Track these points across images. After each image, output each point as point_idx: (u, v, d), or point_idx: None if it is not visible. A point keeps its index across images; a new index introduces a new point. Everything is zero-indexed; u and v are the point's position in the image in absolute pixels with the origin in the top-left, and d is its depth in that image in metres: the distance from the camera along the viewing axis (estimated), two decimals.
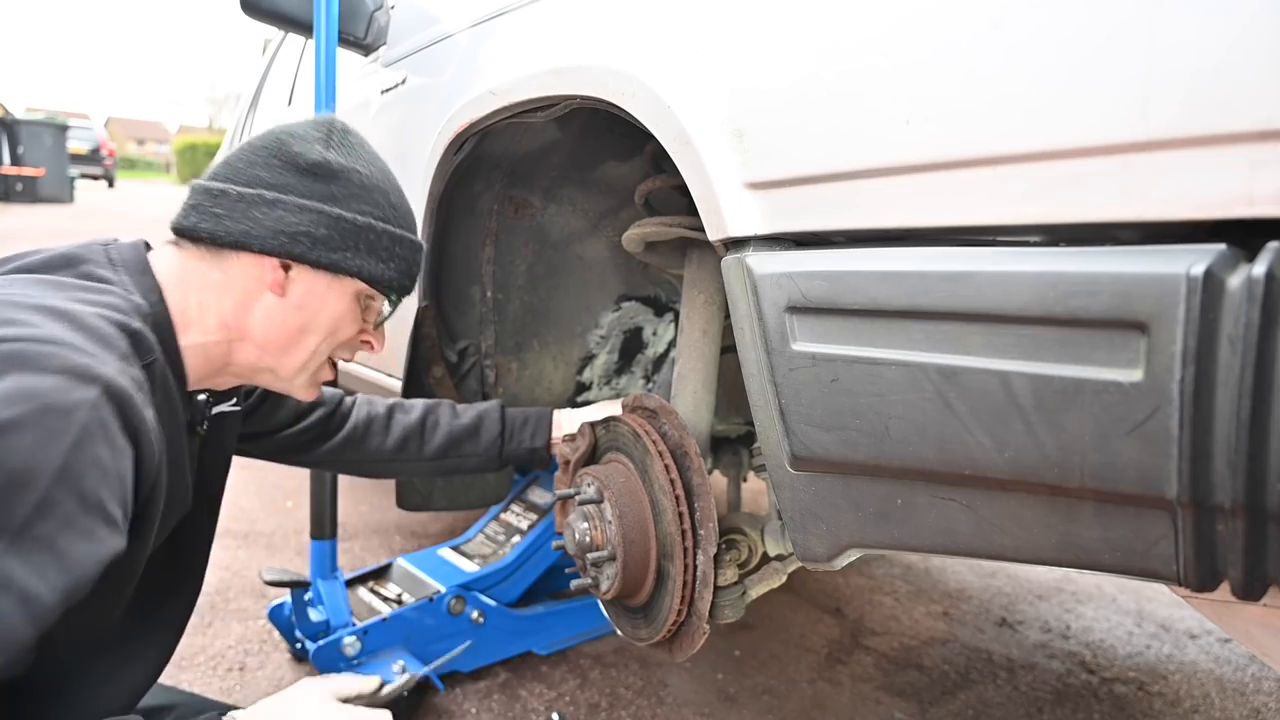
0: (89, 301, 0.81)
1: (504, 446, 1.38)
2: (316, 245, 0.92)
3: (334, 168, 0.94)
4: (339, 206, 0.94)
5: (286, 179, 0.92)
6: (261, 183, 0.91)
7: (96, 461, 0.70)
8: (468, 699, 1.80)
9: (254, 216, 0.91)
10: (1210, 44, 0.52)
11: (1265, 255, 0.50)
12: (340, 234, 0.93)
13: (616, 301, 1.75)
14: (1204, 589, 0.57)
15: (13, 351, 0.69)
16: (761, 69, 0.82)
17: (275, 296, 0.94)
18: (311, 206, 0.92)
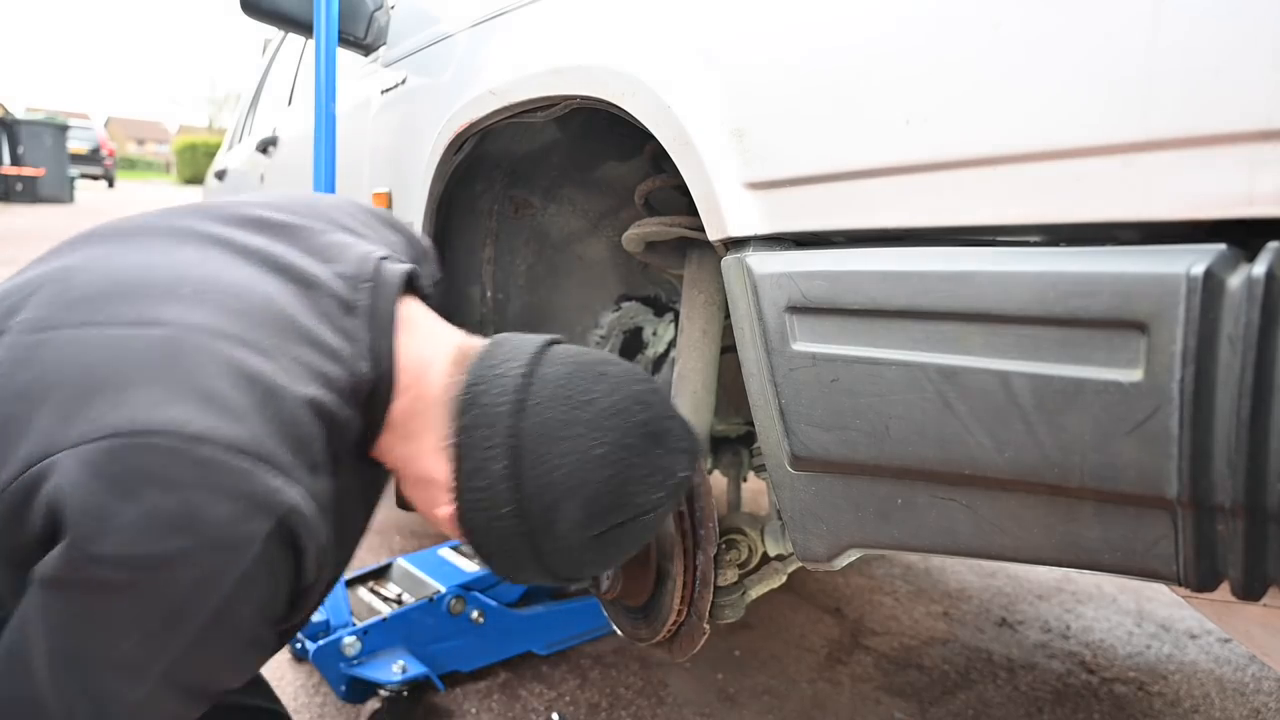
0: (303, 375, 0.68)
1: None
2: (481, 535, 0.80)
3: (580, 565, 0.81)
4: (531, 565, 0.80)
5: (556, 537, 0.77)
6: (541, 528, 0.76)
7: (256, 599, 0.64)
8: (468, 699, 1.80)
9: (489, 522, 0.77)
10: (1210, 44, 0.52)
11: (1265, 255, 0.50)
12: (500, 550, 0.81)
13: (616, 301, 1.75)
14: (1204, 589, 0.57)
15: (202, 459, 0.59)
16: (761, 69, 0.82)
17: None
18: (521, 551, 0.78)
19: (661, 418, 0.79)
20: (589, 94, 1.04)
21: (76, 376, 0.61)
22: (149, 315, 0.65)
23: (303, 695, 1.79)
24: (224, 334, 0.65)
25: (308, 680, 1.85)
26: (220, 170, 4.01)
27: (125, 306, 0.65)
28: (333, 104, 1.71)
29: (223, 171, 3.93)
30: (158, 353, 0.63)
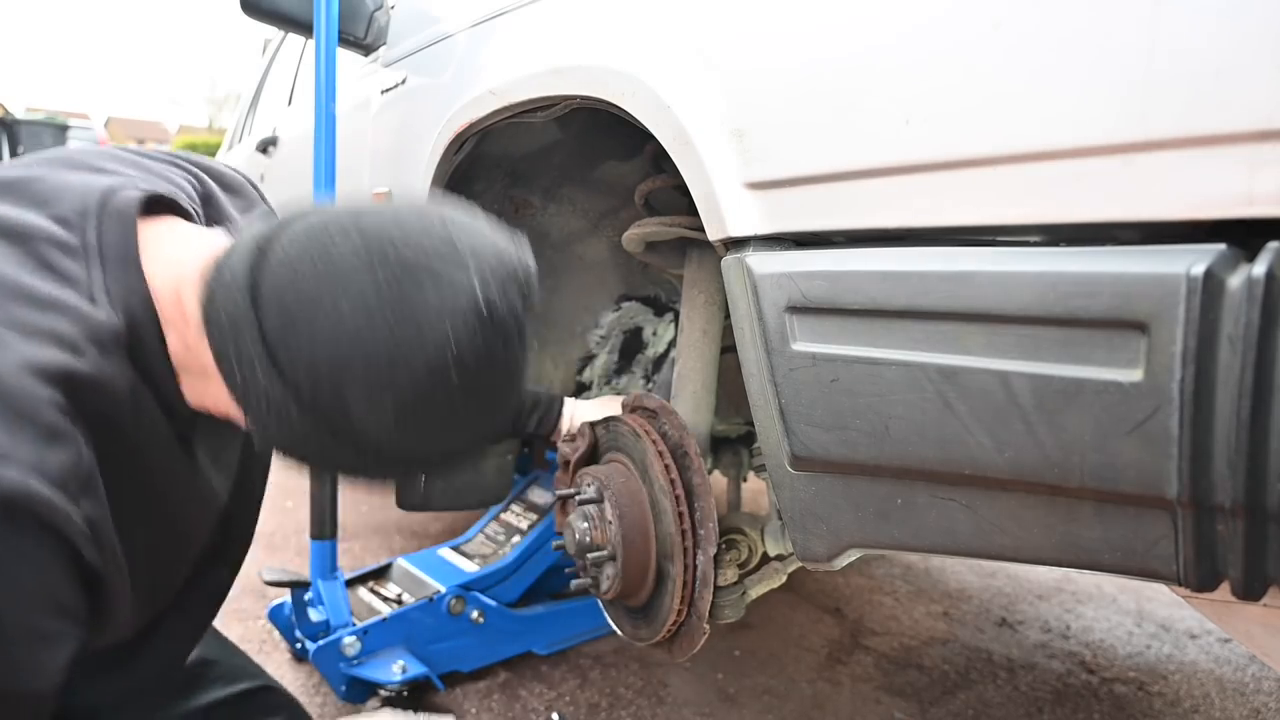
0: (20, 328, 0.60)
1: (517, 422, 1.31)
2: (284, 451, 0.72)
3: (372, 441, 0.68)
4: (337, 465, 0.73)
5: (320, 408, 0.66)
6: (295, 392, 0.65)
7: (17, 591, 0.56)
8: (468, 699, 1.80)
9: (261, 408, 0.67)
10: (1210, 44, 0.52)
11: (1265, 255, 0.50)
12: (316, 460, 0.73)
13: (616, 301, 1.75)
14: (1204, 589, 0.57)
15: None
16: (761, 69, 0.82)
17: None
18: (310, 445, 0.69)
19: (419, 235, 0.63)
20: (589, 94, 1.04)
21: None
22: None
23: (303, 695, 1.79)
24: None
25: (308, 680, 1.86)
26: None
27: None
28: (333, 104, 1.71)
29: None
30: None
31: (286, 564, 2.46)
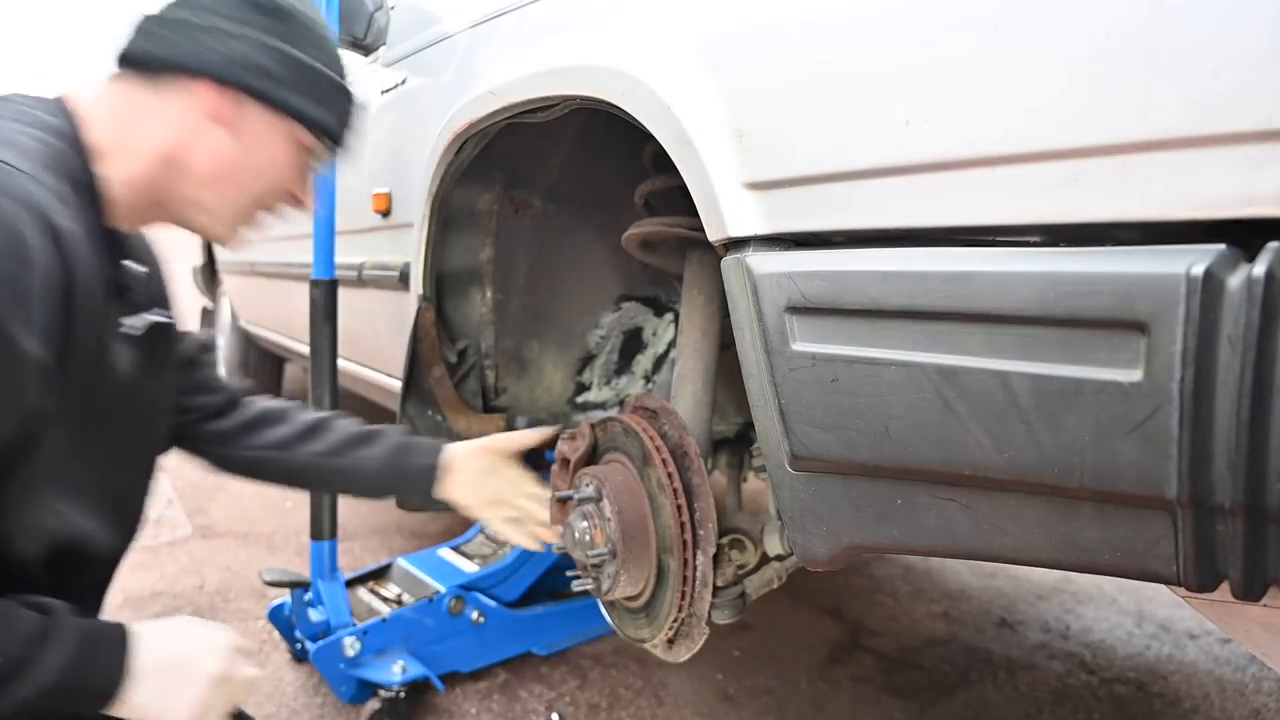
0: (6, 116, 0.80)
1: (395, 459, 1.24)
2: (269, 80, 0.91)
3: (288, 9, 0.92)
4: (293, 46, 0.92)
5: (244, 13, 0.90)
6: (220, 14, 0.89)
7: (9, 278, 0.68)
8: (468, 699, 1.80)
9: (210, 45, 0.88)
10: (1210, 44, 0.52)
11: (1265, 255, 0.50)
12: (291, 72, 0.92)
13: (616, 301, 1.75)
14: (1204, 589, 0.57)
15: None
16: (761, 69, 0.82)
17: (222, 130, 0.91)
18: (268, 43, 0.90)
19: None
20: (589, 94, 1.04)
21: None
22: None
23: (303, 695, 1.79)
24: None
25: (308, 680, 1.86)
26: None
27: None
28: None
29: None
30: None
31: (286, 564, 2.46)
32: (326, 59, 0.96)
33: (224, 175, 0.94)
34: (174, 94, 0.89)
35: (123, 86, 0.90)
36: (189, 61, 0.88)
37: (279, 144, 0.96)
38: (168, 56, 0.88)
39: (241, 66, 0.89)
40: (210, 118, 0.90)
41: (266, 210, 1.02)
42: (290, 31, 0.92)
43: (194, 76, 0.88)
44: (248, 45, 0.89)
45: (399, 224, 1.72)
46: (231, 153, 0.92)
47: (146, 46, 0.89)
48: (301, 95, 0.94)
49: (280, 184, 0.99)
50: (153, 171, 0.90)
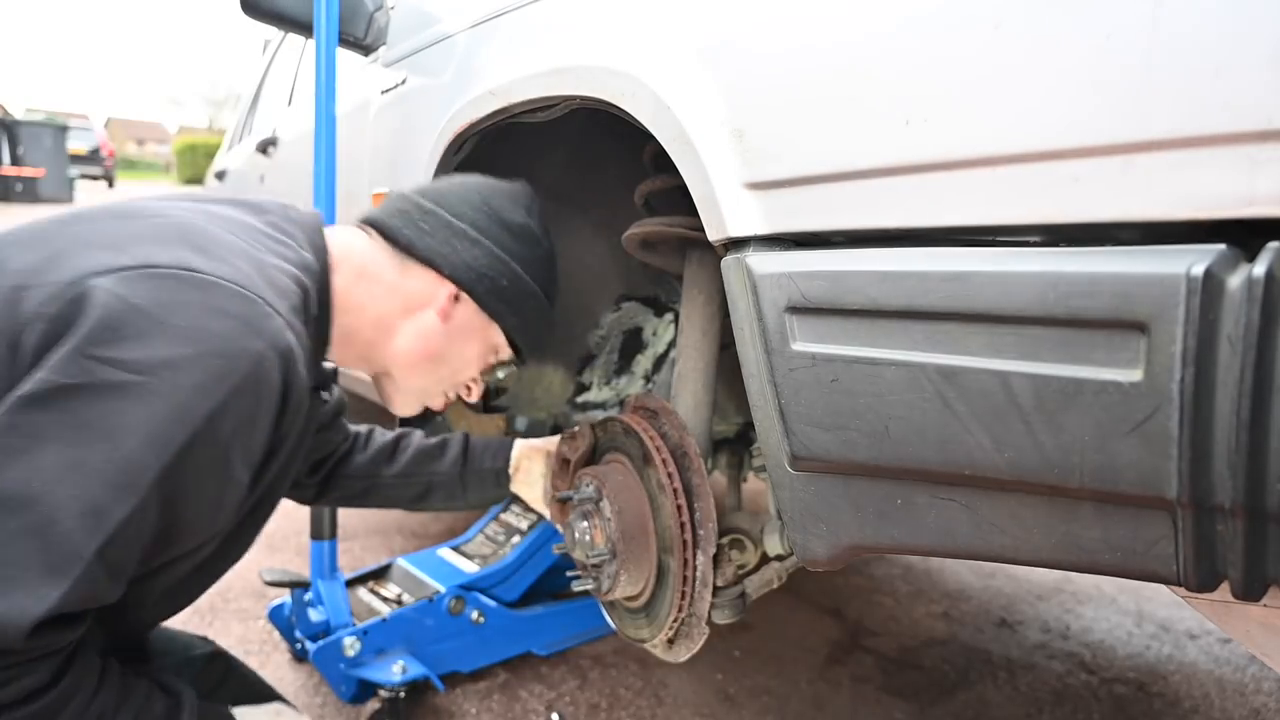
0: (271, 250, 0.87)
1: (466, 465, 1.36)
2: (492, 291, 1.03)
3: (530, 234, 1.06)
4: (523, 267, 1.05)
5: (489, 226, 1.03)
6: (469, 220, 1.03)
7: (242, 415, 0.76)
8: (468, 699, 1.80)
9: (453, 244, 1.01)
10: (1210, 44, 0.52)
11: (1265, 255, 0.50)
12: (515, 289, 1.05)
13: (616, 301, 1.75)
14: (1204, 589, 0.57)
15: (206, 282, 0.75)
16: (761, 69, 0.82)
17: (437, 318, 1.02)
18: (502, 257, 1.03)
19: None
20: (589, 94, 1.04)
21: (111, 239, 0.79)
22: (159, 210, 0.85)
23: (303, 695, 1.79)
24: (210, 223, 0.84)
25: (308, 680, 1.86)
26: (220, 171, 4.01)
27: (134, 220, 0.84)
28: (333, 104, 1.71)
29: (223, 172, 3.93)
30: (173, 229, 0.81)
31: (286, 564, 2.46)
32: (546, 282, 1.09)
33: (420, 358, 1.04)
34: (414, 277, 1.02)
35: (376, 252, 1.02)
36: (436, 260, 1.01)
37: (478, 343, 1.07)
38: (423, 250, 1.01)
39: (475, 273, 1.02)
40: (431, 306, 1.02)
41: (447, 390, 1.12)
42: (527, 254, 1.06)
43: (429, 267, 1.01)
44: (486, 257, 1.02)
45: None
46: (434, 339, 1.03)
47: (409, 234, 1.01)
48: (513, 309, 1.06)
49: (464, 374, 1.09)
50: (369, 335, 1.02)
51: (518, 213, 1.06)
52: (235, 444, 0.77)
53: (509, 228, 1.04)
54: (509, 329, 1.07)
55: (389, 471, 1.34)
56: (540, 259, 1.08)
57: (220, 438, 0.75)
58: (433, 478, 1.35)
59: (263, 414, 0.78)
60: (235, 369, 0.73)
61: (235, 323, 0.74)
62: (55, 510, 0.68)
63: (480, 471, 1.36)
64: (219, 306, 0.74)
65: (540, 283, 1.07)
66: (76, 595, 0.69)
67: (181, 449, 0.72)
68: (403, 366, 1.04)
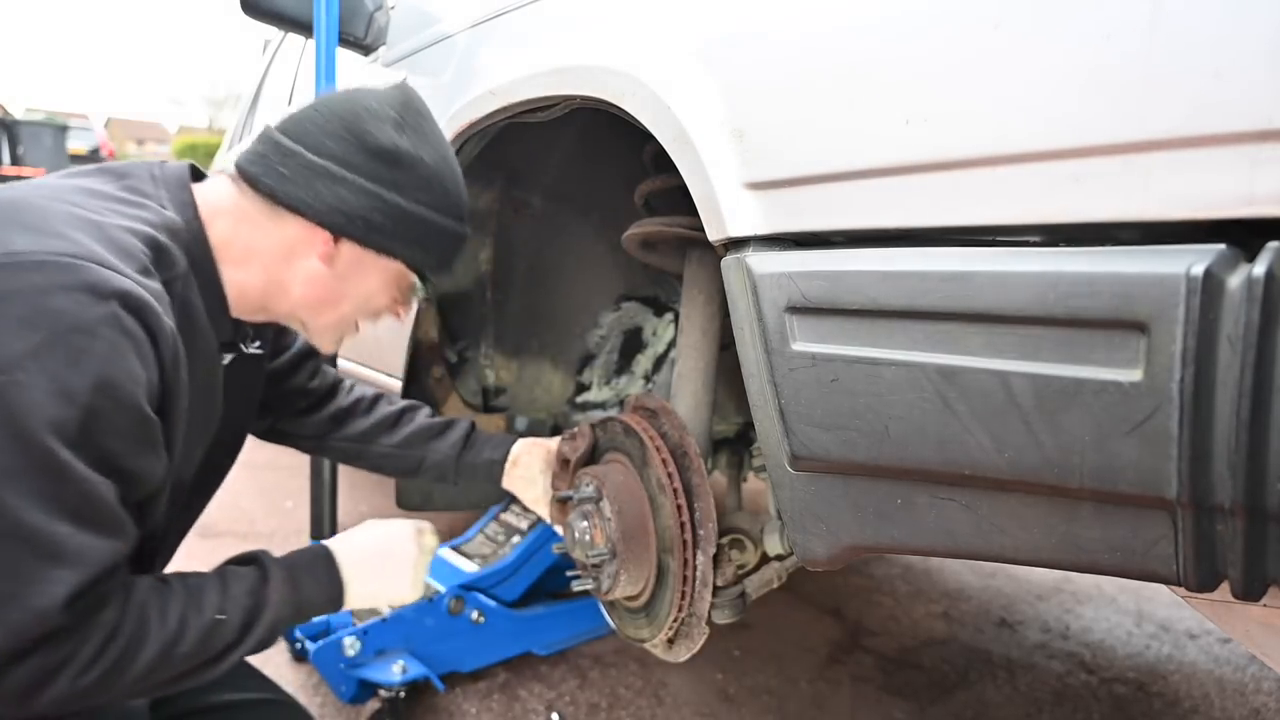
0: (120, 214, 0.85)
1: (464, 451, 1.36)
2: (371, 230, 0.96)
3: (401, 155, 0.96)
4: (400, 195, 0.96)
5: (354, 157, 0.94)
6: (330, 155, 0.94)
7: (128, 371, 0.75)
8: (468, 699, 1.80)
9: (317, 188, 0.94)
10: (1210, 44, 0.52)
11: (1265, 255, 0.50)
12: (394, 221, 0.97)
13: (616, 301, 1.75)
14: (1204, 589, 0.57)
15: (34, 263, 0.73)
16: (761, 69, 0.82)
17: (320, 263, 0.97)
18: (374, 191, 0.95)
19: None
20: (589, 94, 1.04)
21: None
22: None
23: (303, 695, 1.79)
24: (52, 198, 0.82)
25: (308, 680, 1.86)
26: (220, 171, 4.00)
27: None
28: None
29: None
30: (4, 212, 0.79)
31: None
32: (434, 201, 0.99)
33: (319, 300, 1.01)
34: (286, 224, 0.96)
35: (246, 202, 0.97)
36: (301, 207, 0.94)
37: (375, 276, 1.02)
38: (284, 198, 0.94)
39: (345, 216, 0.94)
40: (312, 252, 0.97)
41: (363, 320, 1.09)
42: (401, 179, 0.96)
43: (299, 215, 0.94)
44: (355, 193, 0.94)
45: None
46: (327, 283, 0.99)
47: (269, 183, 0.94)
48: (401, 241, 0.98)
49: (374, 305, 1.06)
50: (260, 286, 0.98)
51: (385, 133, 0.95)
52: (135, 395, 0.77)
53: (378, 154, 0.94)
54: (402, 259, 1.00)
55: (387, 440, 1.35)
56: (421, 178, 0.97)
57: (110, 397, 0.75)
58: (428, 455, 1.35)
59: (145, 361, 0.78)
60: (93, 336, 0.73)
61: (76, 294, 0.73)
62: (15, 512, 0.71)
63: (476, 461, 1.35)
64: (54, 283, 0.72)
65: (426, 204, 0.98)
66: (84, 565, 0.74)
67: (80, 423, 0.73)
68: (305, 311, 1.02)
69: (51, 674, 0.75)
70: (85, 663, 0.77)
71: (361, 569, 1.03)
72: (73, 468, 0.73)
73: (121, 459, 0.77)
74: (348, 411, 1.36)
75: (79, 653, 0.76)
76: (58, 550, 0.73)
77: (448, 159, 1.02)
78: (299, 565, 0.99)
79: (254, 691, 1.15)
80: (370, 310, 1.06)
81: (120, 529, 0.79)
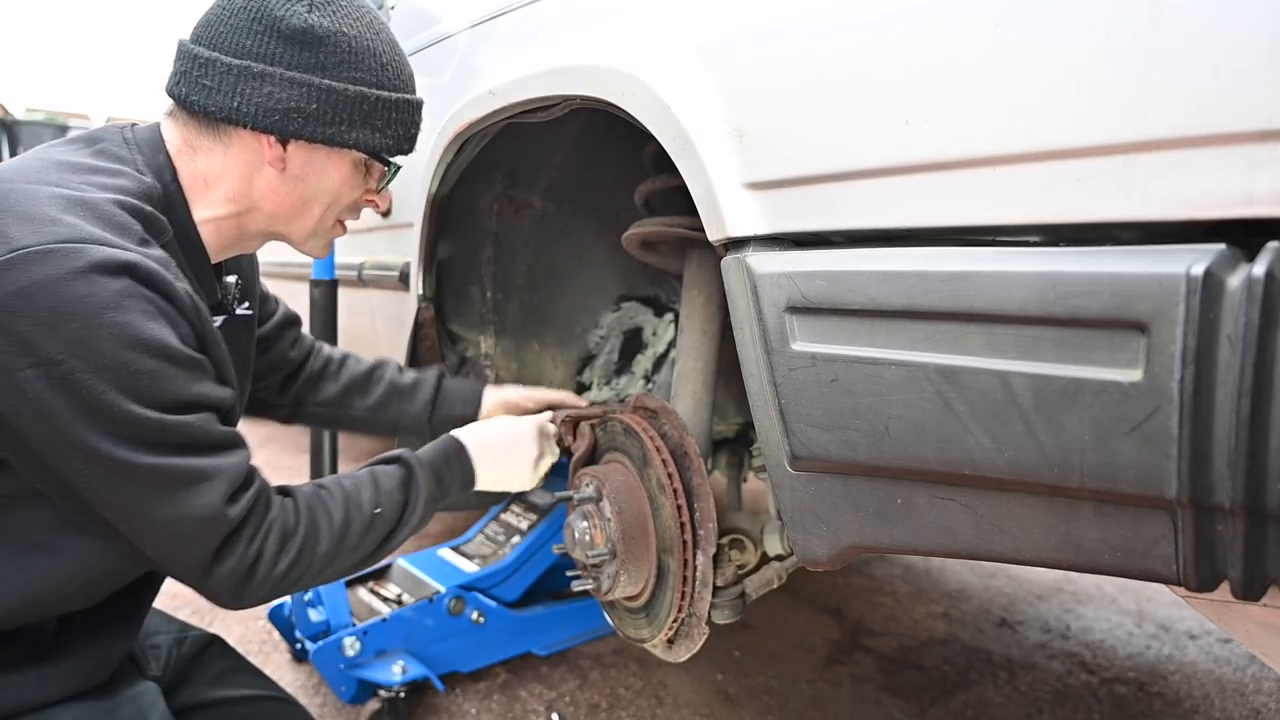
0: (103, 186, 0.84)
1: (434, 410, 1.38)
2: (309, 121, 0.91)
3: (319, 34, 0.90)
4: (328, 77, 0.91)
5: (271, 48, 0.89)
6: (246, 52, 0.89)
7: (164, 330, 0.79)
8: (468, 699, 1.80)
9: (243, 92, 0.89)
10: (1210, 44, 0.52)
11: (1265, 255, 0.50)
12: (332, 107, 0.92)
13: (616, 301, 1.75)
14: (1204, 589, 0.57)
15: (42, 253, 0.74)
16: (761, 69, 0.82)
17: (275, 171, 0.95)
18: (299, 79, 0.90)
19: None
20: (589, 94, 1.04)
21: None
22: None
23: (303, 695, 1.79)
24: (33, 180, 0.81)
25: (308, 680, 1.86)
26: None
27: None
28: None
29: None
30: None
31: None
32: (367, 76, 0.94)
33: (288, 210, 0.99)
34: (231, 141, 0.93)
35: (187, 131, 0.94)
36: (235, 116, 0.90)
37: (336, 172, 0.98)
38: (214, 110, 0.90)
39: (279, 114, 0.90)
40: (264, 161, 0.94)
41: (345, 218, 1.07)
42: (326, 59, 0.91)
43: (242, 128, 0.91)
44: (282, 87, 0.89)
45: (399, 224, 1.72)
46: (289, 189, 0.97)
47: (197, 99, 0.90)
48: (349, 127, 0.94)
49: (346, 199, 1.03)
50: (231, 217, 0.97)
51: (297, 14, 0.89)
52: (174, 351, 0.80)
53: (294, 38, 0.89)
54: (353, 146, 0.95)
55: (361, 403, 1.36)
56: (346, 54, 0.92)
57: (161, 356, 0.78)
58: (401, 417, 1.38)
59: (173, 319, 0.81)
60: (121, 309, 0.75)
61: (90, 276, 0.74)
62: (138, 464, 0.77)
63: (449, 418, 1.37)
64: (67, 270, 0.73)
65: (360, 80, 0.93)
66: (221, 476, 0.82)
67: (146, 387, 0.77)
68: (279, 224, 1.00)
69: (250, 570, 0.85)
70: (272, 558, 0.86)
71: (489, 458, 1.13)
72: (159, 419, 0.78)
73: (197, 399, 0.82)
74: (320, 375, 1.36)
75: (264, 550, 0.86)
76: (192, 474, 0.80)
77: (373, 26, 0.96)
78: (438, 459, 1.08)
79: (242, 688, 1.15)
80: (345, 206, 1.04)
81: (234, 443, 0.86)
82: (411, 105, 1.00)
